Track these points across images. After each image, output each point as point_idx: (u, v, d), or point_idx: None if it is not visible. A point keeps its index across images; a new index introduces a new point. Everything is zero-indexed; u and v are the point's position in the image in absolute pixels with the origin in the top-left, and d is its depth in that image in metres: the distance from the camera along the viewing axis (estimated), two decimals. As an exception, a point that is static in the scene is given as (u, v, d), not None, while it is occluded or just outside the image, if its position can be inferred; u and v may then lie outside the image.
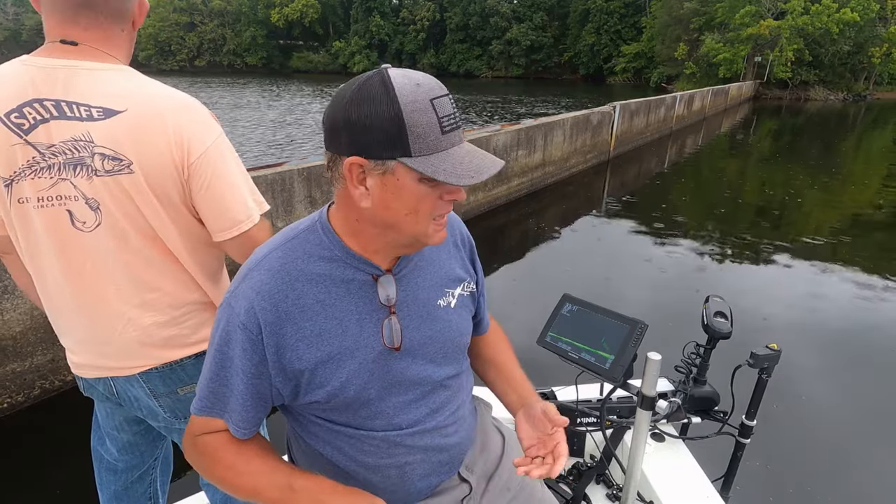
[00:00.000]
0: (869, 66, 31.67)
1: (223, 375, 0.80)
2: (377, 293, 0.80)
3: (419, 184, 0.70)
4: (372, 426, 0.84)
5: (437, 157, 0.68)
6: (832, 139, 15.74)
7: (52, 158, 0.95)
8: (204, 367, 0.83)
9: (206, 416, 0.82)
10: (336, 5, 61.02)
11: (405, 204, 0.71)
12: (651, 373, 1.12)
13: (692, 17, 34.89)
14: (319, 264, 0.78)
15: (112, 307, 1.05)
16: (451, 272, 0.90)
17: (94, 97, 0.95)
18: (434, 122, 0.68)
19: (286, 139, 12.45)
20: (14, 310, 2.70)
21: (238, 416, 0.81)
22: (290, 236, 0.81)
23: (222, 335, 0.78)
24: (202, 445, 0.84)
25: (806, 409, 2.90)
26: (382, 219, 0.73)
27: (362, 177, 0.71)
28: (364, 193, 0.71)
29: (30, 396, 2.87)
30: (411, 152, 0.67)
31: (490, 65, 55.18)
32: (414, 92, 0.67)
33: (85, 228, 0.99)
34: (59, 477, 2.37)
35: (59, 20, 0.96)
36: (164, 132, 0.96)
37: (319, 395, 0.79)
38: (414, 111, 0.66)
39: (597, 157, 10.16)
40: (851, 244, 5.84)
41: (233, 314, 0.77)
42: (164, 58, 57.31)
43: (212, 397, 0.81)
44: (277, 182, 3.93)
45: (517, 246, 5.78)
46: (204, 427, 0.83)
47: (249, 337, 0.76)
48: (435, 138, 0.68)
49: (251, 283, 0.77)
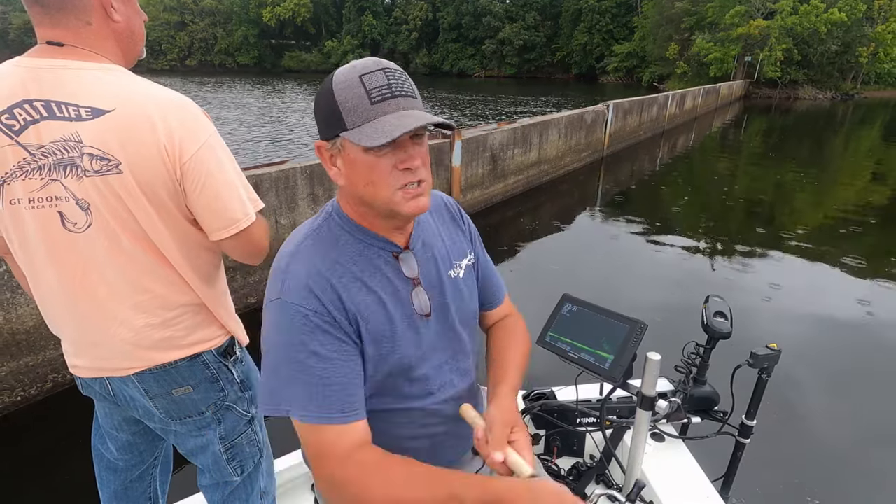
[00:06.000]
0: (856, 65, 32.07)
1: (323, 376, 0.75)
2: (401, 268, 0.86)
3: (366, 154, 0.75)
4: (410, 393, 0.88)
5: (368, 125, 0.73)
6: (822, 137, 15.91)
7: (42, 159, 0.94)
8: (292, 389, 0.75)
9: (338, 423, 0.75)
10: (328, 4, 60.85)
11: (361, 176, 0.77)
12: (651, 373, 1.12)
13: (683, 16, 35.14)
14: (347, 246, 0.82)
15: (104, 308, 1.04)
16: (455, 246, 0.97)
17: (82, 97, 0.94)
18: (362, 95, 0.73)
19: (282, 137, 12.38)
20: (27, 304, 2.75)
21: (357, 401, 0.78)
22: (312, 227, 0.85)
23: (296, 344, 0.75)
24: (354, 468, 0.75)
25: (806, 409, 2.92)
26: (354, 193, 0.81)
27: (332, 158, 0.79)
28: (338, 173, 0.80)
29: (42, 389, 2.92)
30: (346, 126, 0.74)
31: (483, 64, 55.24)
32: (346, 73, 0.75)
33: (76, 229, 0.98)
34: (70, 469, 2.41)
35: (38, 23, 0.96)
36: (152, 131, 0.95)
37: (369, 367, 0.82)
38: (343, 89, 0.74)
39: (591, 155, 10.21)
40: (848, 241, 5.89)
41: (296, 312, 0.76)
42: (155, 57, 56.81)
43: (326, 404, 0.75)
44: (281, 179, 3.98)
45: (513, 243, 5.79)
46: (340, 441, 0.75)
47: (323, 321, 0.76)
48: (364, 109, 0.73)
49: (297, 273, 0.78)
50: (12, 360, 2.77)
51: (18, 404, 2.81)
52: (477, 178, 6.64)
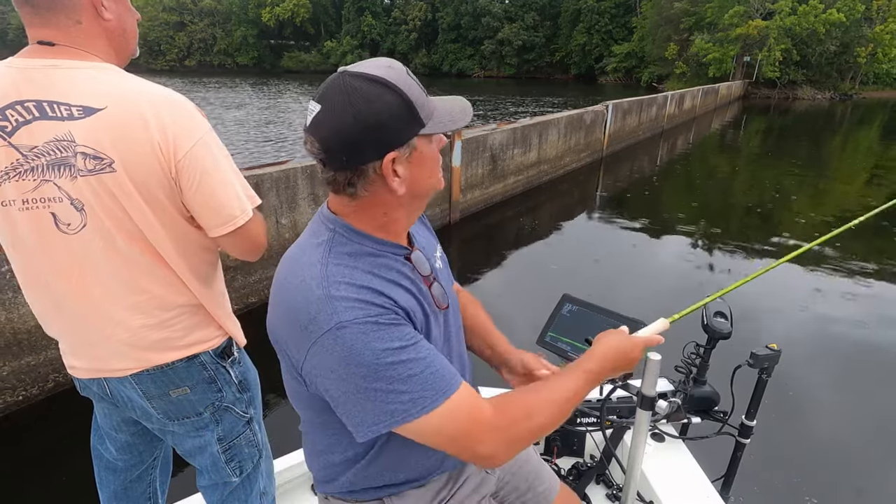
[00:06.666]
0: (855, 65, 32.10)
1: (420, 358, 0.74)
2: (416, 267, 0.86)
3: (431, 145, 0.79)
4: None
5: (436, 115, 0.77)
6: (820, 137, 15.92)
7: (34, 160, 0.93)
8: (405, 396, 0.72)
9: (456, 392, 0.75)
10: (327, 5, 60.78)
11: (430, 169, 0.80)
12: (651, 373, 1.11)
13: (682, 17, 35.15)
14: (366, 258, 0.80)
15: (100, 309, 1.03)
16: (430, 240, 1.00)
17: (74, 96, 0.93)
18: (420, 90, 0.76)
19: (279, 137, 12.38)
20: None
21: (454, 370, 0.79)
22: (325, 249, 0.78)
23: (380, 353, 0.70)
24: (509, 409, 0.79)
25: (806, 409, 2.92)
26: (414, 194, 0.80)
27: (395, 168, 0.76)
28: (399, 182, 0.76)
29: (44, 389, 2.93)
30: (423, 122, 0.75)
31: (482, 64, 55.21)
32: (397, 73, 0.74)
33: (70, 230, 0.97)
34: (70, 468, 2.41)
35: (28, 23, 0.96)
36: (145, 128, 0.94)
37: None
38: (408, 88, 0.73)
39: (590, 155, 10.22)
40: (849, 241, 5.90)
41: (364, 326, 0.70)
42: (154, 57, 56.70)
43: (441, 376, 0.75)
44: (282, 180, 3.99)
45: (513, 243, 5.77)
46: (472, 403, 0.76)
47: (391, 319, 0.73)
48: (427, 102, 0.76)
49: (342, 294, 0.72)
50: (14, 360, 2.77)
51: (20, 404, 2.81)
52: (477, 178, 6.64)
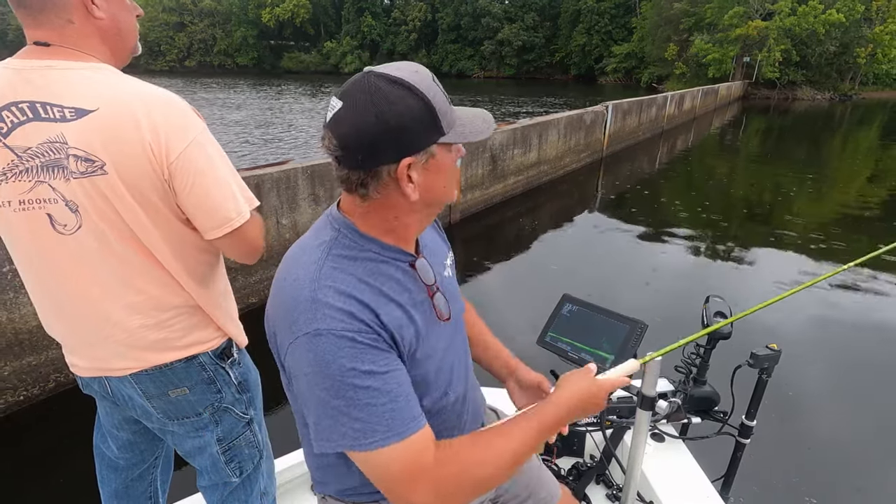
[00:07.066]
0: (854, 66, 32.10)
1: (387, 391, 0.71)
2: (419, 276, 0.84)
3: (449, 154, 0.77)
4: (432, 397, 0.86)
5: (458, 125, 0.76)
6: (820, 138, 15.93)
7: (29, 161, 0.93)
8: (354, 424, 0.70)
9: (418, 429, 0.73)
10: (327, 5, 60.77)
11: (445, 178, 0.78)
12: (651, 373, 1.11)
13: (682, 17, 35.16)
14: (367, 264, 0.78)
15: (98, 309, 1.03)
16: (441, 247, 0.98)
17: (67, 97, 0.92)
18: (445, 98, 0.75)
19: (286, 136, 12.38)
20: (30, 304, 2.75)
21: (419, 412, 0.75)
22: (326, 249, 0.77)
23: (347, 371, 0.69)
24: (452, 464, 0.75)
25: (806, 409, 2.92)
26: (427, 202, 0.78)
27: (410, 174, 0.74)
28: (413, 188, 0.75)
29: (45, 389, 2.93)
30: (444, 130, 0.74)
31: (482, 65, 55.20)
32: (423, 79, 0.72)
33: (66, 231, 0.98)
34: (71, 468, 2.41)
35: (24, 25, 0.96)
36: (136, 129, 0.93)
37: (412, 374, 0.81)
38: (433, 95, 0.72)
39: (590, 155, 10.22)
40: (849, 241, 5.90)
41: (340, 340, 0.69)
42: (154, 58, 56.72)
43: (400, 417, 0.72)
44: (282, 180, 3.99)
45: (513, 243, 5.78)
46: (419, 452, 0.73)
47: (371, 339, 0.71)
48: (449, 110, 0.75)
49: (330, 300, 0.71)
50: (15, 360, 2.77)
51: (21, 404, 2.82)
52: (477, 178, 6.64)
